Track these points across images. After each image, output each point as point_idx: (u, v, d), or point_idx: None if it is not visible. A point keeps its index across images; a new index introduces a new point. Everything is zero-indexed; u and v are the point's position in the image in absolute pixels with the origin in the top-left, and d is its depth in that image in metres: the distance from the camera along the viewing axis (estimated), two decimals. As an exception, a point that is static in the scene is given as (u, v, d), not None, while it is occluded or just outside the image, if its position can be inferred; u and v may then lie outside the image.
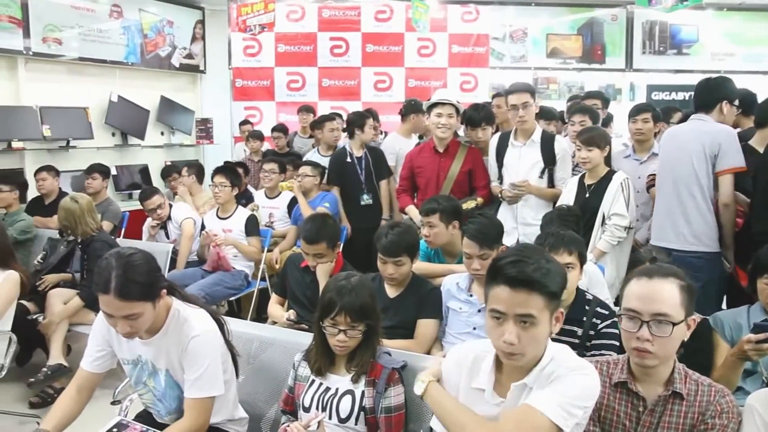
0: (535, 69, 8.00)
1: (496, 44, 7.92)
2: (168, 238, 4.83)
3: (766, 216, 3.07)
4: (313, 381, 2.04)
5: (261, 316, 4.44)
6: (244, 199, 5.12)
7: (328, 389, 2.00)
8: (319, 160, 5.04)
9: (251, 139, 6.51)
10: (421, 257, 3.07)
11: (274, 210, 5.01)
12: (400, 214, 4.45)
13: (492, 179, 3.97)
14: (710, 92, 3.34)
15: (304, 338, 2.22)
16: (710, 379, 1.67)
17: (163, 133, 7.62)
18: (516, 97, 3.72)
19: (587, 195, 3.50)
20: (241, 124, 7.37)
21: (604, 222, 3.43)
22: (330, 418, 1.96)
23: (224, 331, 2.09)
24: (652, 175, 3.71)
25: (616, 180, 3.44)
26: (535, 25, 7.93)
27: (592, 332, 2.34)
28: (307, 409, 2.00)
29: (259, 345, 2.42)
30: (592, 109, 4.37)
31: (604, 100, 5.27)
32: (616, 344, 2.18)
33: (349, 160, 4.76)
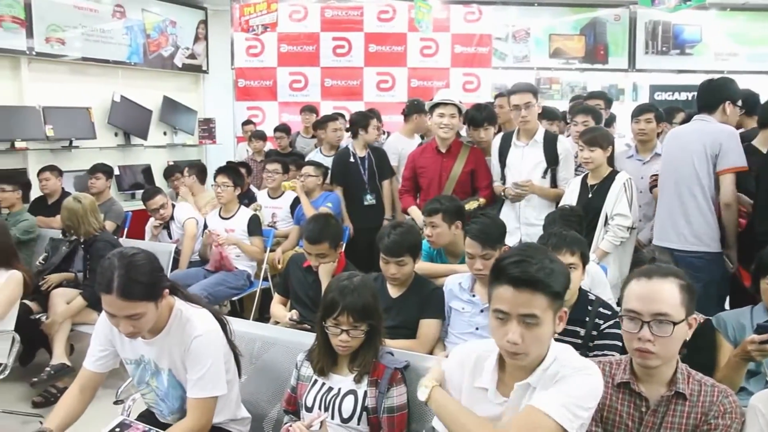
0: (538, 69, 8.01)
1: (499, 44, 7.92)
2: (171, 238, 4.83)
3: (770, 216, 3.07)
4: (316, 381, 2.03)
5: (263, 316, 4.44)
6: (247, 199, 5.12)
7: (331, 389, 2.00)
8: (322, 160, 5.05)
9: (254, 139, 6.52)
10: (423, 257, 3.06)
11: (276, 210, 5.02)
12: (402, 215, 4.45)
13: (495, 179, 3.96)
14: (713, 93, 3.34)
15: (307, 338, 2.21)
16: (713, 379, 1.67)
17: (165, 133, 7.63)
18: (518, 98, 3.71)
19: (590, 195, 3.50)
20: (244, 124, 7.39)
21: (606, 222, 3.42)
22: (332, 418, 1.96)
23: (227, 331, 2.09)
24: (655, 175, 3.71)
25: (619, 180, 3.44)
26: (537, 26, 7.93)
27: (594, 332, 2.34)
28: (309, 409, 2.00)
29: (262, 345, 2.42)
30: (595, 110, 4.37)
31: (607, 101, 5.26)
32: (619, 344, 2.17)
33: (352, 160, 4.76)
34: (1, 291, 3.14)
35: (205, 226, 4.58)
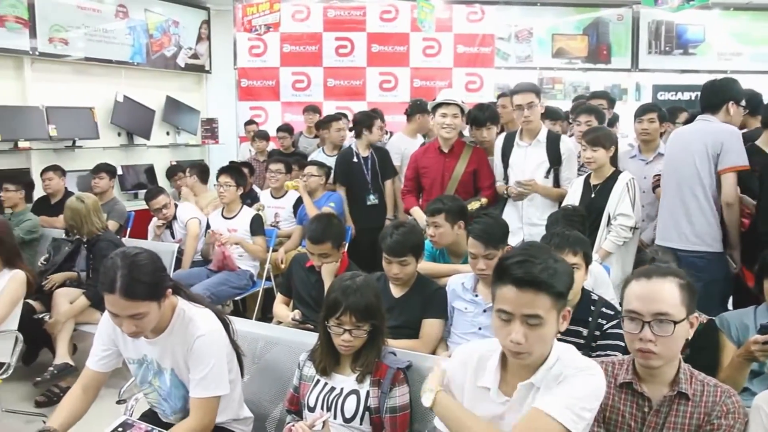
0: (541, 69, 8.00)
1: (502, 44, 7.91)
2: (173, 237, 4.84)
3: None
4: (318, 381, 2.04)
5: (266, 316, 4.44)
6: (249, 199, 5.13)
7: (333, 389, 2.00)
8: (325, 160, 5.04)
9: (257, 139, 6.53)
10: (426, 257, 3.06)
11: (279, 210, 5.02)
12: (404, 214, 4.45)
13: (497, 179, 3.95)
14: (716, 93, 3.33)
15: (309, 338, 2.22)
16: (716, 380, 1.67)
17: (168, 133, 7.64)
18: (521, 97, 3.71)
19: (593, 195, 3.50)
20: (247, 124, 7.39)
21: (609, 222, 3.42)
22: (335, 418, 1.96)
23: (229, 331, 2.09)
24: (658, 175, 3.70)
25: (622, 180, 3.44)
26: (540, 25, 7.92)
27: (597, 332, 2.34)
28: (312, 409, 2.00)
29: (264, 345, 2.42)
30: (598, 109, 4.36)
31: (610, 100, 5.25)
32: (622, 344, 2.17)
33: (355, 160, 4.76)
34: (5, 291, 3.14)
35: (208, 226, 4.59)
